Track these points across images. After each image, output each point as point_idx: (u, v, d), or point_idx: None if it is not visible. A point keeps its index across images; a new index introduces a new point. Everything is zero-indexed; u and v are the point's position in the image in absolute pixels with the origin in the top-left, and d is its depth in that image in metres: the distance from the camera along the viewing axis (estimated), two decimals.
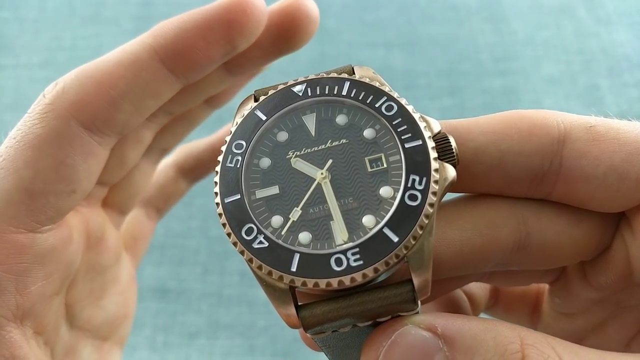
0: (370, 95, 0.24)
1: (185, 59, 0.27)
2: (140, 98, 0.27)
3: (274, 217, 0.22)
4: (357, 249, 0.21)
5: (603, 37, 0.71)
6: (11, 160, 0.26)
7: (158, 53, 0.27)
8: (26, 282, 0.26)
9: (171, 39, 0.27)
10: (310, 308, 0.22)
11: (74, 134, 0.26)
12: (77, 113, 0.26)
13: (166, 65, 0.27)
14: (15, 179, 0.25)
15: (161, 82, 0.27)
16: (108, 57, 0.27)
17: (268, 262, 0.21)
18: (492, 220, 0.25)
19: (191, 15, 0.27)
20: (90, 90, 0.26)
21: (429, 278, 0.21)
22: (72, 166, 0.26)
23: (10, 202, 0.25)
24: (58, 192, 0.26)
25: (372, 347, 0.22)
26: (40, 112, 0.26)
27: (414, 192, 0.22)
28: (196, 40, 0.27)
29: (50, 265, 0.27)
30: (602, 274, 0.26)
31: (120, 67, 0.26)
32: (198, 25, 0.27)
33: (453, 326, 0.21)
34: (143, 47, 0.27)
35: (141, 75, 0.27)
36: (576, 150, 0.24)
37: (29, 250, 0.26)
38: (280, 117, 0.24)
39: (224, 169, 0.23)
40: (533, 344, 0.20)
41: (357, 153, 0.23)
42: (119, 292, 0.33)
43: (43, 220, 0.26)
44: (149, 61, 0.27)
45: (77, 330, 0.30)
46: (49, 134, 0.26)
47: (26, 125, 0.26)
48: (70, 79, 0.27)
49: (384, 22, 0.74)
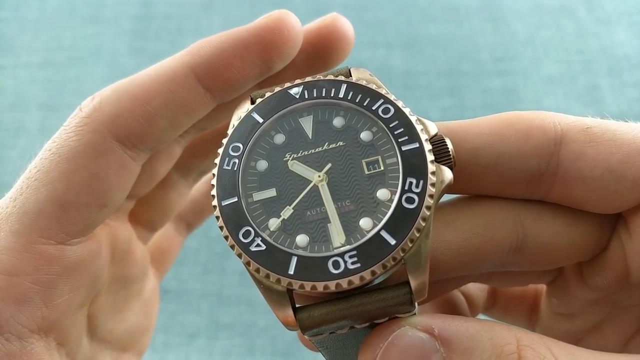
0: (367, 97, 0.24)
1: (222, 78, 0.27)
2: (175, 115, 0.27)
3: (271, 219, 0.22)
4: (354, 251, 0.21)
5: (603, 37, 0.71)
6: (45, 172, 0.26)
7: (195, 71, 0.27)
8: (53, 295, 0.25)
9: (208, 57, 0.27)
10: (308, 310, 0.22)
11: (108, 148, 0.26)
12: (112, 127, 0.26)
13: (202, 83, 0.27)
14: (48, 191, 0.25)
15: (197, 100, 0.27)
16: (145, 73, 0.27)
17: (266, 265, 0.21)
18: (489, 222, 0.25)
19: (229, 35, 0.27)
20: (127, 105, 0.26)
21: (426, 280, 0.21)
22: (105, 180, 0.26)
23: (42, 213, 0.25)
24: (90, 206, 0.26)
25: (370, 349, 0.22)
26: (76, 125, 0.26)
27: (411, 195, 0.22)
28: (233, 60, 0.27)
29: (77, 278, 0.26)
30: (599, 274, 0.26)
31: (157, 83, 0.27)
32: (235, 45, 0.27)
33: (450, 327, 0.21)
34: (180, 64, 0.27)
35: (177, 91, 0.27)
36: (573, 152, 0.24)
37: (58, 262, 0.25)
38: (277, 120, 0.24)
39: (221, 171, 0.23)
40: (529, 345, 0.20)
41: (354, 155, 0.23)
42: (142, 304, 0.33)
43: (73, 233, 0.26)
44: (185, 78, 0.27)
45: (98, 341, 0.30)
46: (84, 147, 0.26)
47: (62, 138, 0.26)
48: (107, 94, 0.27)
49: (384, 22, 0.74)
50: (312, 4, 0.75)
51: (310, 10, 0.72)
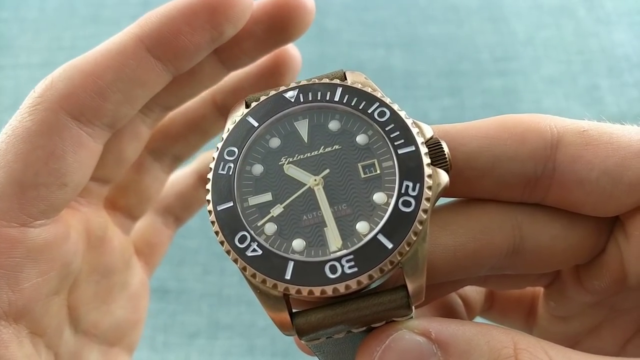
0: (363, 101, 0.24)
1: (171, 46, 0.27)
2: (128, 87, 0.27)
3: (267, 224, 0.22)
4: (351, 256, 0.21)
5: (603, 37, 0.71)
6: (2, 155, 0.26)
7: (144, 41, 0.27)
8: (18, 278, 0.25)
9: (156, 27, 0.27)
10: (304, 315, 0.22)
11: (62, 125, 0.26)
12: (65, 104, 0.26)
13: (152, 53, 0.27)
14: (6, 172, 0.25)
15: (149, 71, 0.27)
16: (96, 49, 0.27)
17: (262, 270, 0.21)
18: (486, 225, 0.25)
19: (176, 3, 0.27)
20: (78, 81, 0.26)
21: (423, 284, 0.21)
22: (62, 157, 0.26)
23: (1, 195, 0.25)
24: (49, 185, 0.26)
25: (367, 352, 0.22)
26: (29, 105, 0.26)
27: (408, 199, 0.22)
28: (181, 26, 0.27)
29: (44, 262, 0.26)
30: (597, 277, 0.26)
31: (107, 58, 0.27)
32: (182, 12, 0.27)
33: (447, 331, 0.21)
34: (129, 36, 0.27)
35: (128, 64, 0.27)
36: (569, 155, 0.24)
37: (21, 245, 0.25)
38: (272, 124, 0.24)
39: (216, 176, 0.23)
40: (526, 348, 0.20)
41: (350, 159, 0.23)
42: (128, 297, 0.33)
43: (35, 214, 0.26)
44: (135, 50, 0.27)
45: (83, 335, 0.30)
46: (38, 126, 0.26)
47: (16, 120, 0.26)
48: (59, 73, 0.27)
49: (384, 22, 0.73)
50: None
51: None
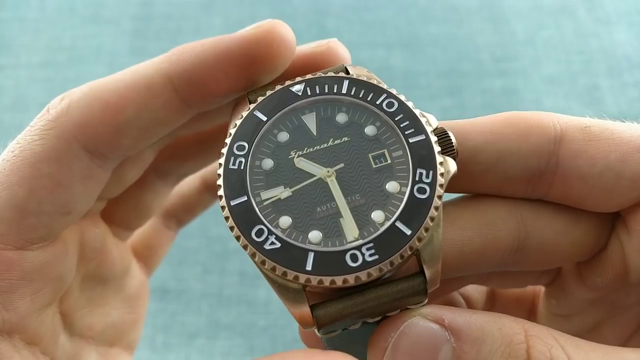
0: (371, 92, 0.24)
1: (201, 91, 0.25)
2: (148, 125, 0.25)
3: (281, 217, 0.22)
4: (371, 244, 0.21)
5: (603, 37, 0.71)
6: (6, 175, 0.24)
7: (172, 81, 0.25)
8: (12, 298, 0.24)
9: (188, 67, 0.25)
10: (324, 307, 0.22)
11: (74, 156, 0.25)
12: (79, 135, 0.24)
13: (179, 94, 0.25)
14: (8, 195, 0.24)
15: (172, 111, 0.25)
16: (119, 77, 0.25)
17: (282, 263, 0.21)
18: (492, 220, 0.25)
19: (213, 43, 0.25)
20: (97, 112, 0.25)
21: (439, 269, 0.22)
22: (69, 188, 0.25)
23: (0, 218, 0.24)
24: (51, 213, 0.25)
25: (381, 338, 0.22)
26: (41, 128, 0.25)
27: (423, 186, 0.22)
28: (214, 72, 0.25)
29: (39, 281, 0.25)
30: (598, 274, 0.26)
31: (131, 91, 0.25)
32: (217, 56, 0.25)
33: (460, 318, 0.21)
34: (158, 72, 0.25)
35: (152, 102, 0.25)
36: (572, 150, 0.24)
37: (17, 267, 0.24)
38: (280, 118, 0.24)
39: (227, 171, 0.23)
40: (537, 335, 0.21)
41: (360, 150, 0.23)
42: (125, 298, 0.33)
43: (34, 239, 0.25)
44: (162, 89, 0.25)
45: (79, 338, 0.30)
46: (47, 153, 0.24)
47: (25, 140, 0.25)
48: (78, 97, 0.25)
49: (384, 22, 0.74)
50: (312, 4, 0.74)
51: (310, 11, 0.72)
